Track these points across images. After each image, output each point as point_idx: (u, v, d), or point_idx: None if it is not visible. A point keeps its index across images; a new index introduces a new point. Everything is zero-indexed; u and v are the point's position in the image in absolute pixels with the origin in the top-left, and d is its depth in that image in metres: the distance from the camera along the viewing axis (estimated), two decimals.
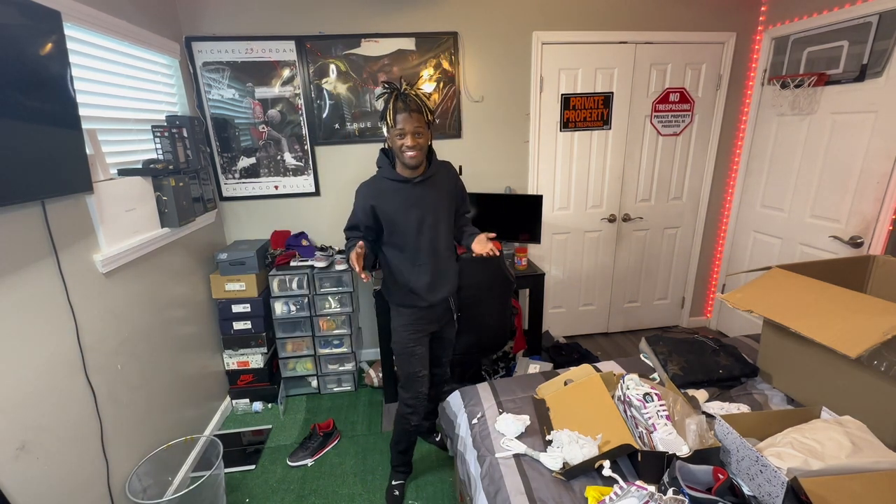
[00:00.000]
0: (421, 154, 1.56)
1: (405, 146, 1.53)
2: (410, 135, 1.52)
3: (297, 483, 2.04)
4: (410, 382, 1.80)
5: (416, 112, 1.51)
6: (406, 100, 1.51)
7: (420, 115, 1.52)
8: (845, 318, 1.28)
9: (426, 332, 1.79)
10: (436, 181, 1.69)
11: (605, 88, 2.80)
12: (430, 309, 1.75)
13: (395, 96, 1.52)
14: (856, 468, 1.06)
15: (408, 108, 1.50)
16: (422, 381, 1.80)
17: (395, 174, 1.63)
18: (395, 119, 1.51)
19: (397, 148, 1.55)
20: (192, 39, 2.40)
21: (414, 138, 1.52)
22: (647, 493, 1.03)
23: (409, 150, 1.53)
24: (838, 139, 2.36)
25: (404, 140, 1.52)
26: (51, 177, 1.29)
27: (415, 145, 1.53)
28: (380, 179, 1.67)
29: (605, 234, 3.10)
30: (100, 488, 1.51)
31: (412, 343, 1.77)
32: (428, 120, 1.56)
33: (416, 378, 1.80)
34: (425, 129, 1.55)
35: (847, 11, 2.24)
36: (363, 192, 1.66)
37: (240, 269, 2.40)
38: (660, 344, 1.80)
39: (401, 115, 1.50)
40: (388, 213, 1.63)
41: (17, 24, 1.17)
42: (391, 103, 1.51)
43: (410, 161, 1.56)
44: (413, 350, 1.78)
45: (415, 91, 1.54)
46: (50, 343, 1.35)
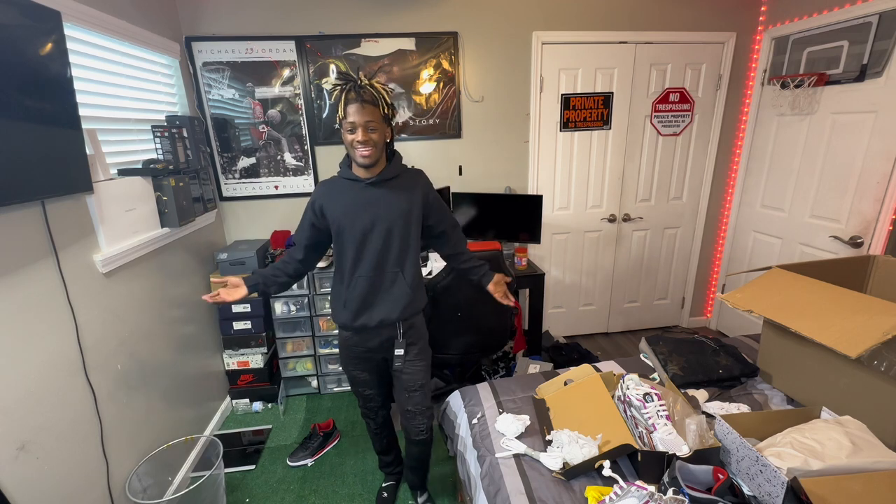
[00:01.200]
0: (375, 151, 1.39)
1: (356, 141, 1.37)
2: (361, 128, 1.35)
3: (297, 483, 2.04)
4: (357, 395, 1.73)
5: (369, 104, 1.35)
6: (360, 90, 1.36)
7: (374, 107, 1.36)
8: (845, 318, 1.28)
9: (365, 358, 1.60)
10: (396, 186, 1.49)
11: (605, 88, 2.80)
12: (362, 333, 1.54)
13: (350, 88, 1.37)
14: (856, 468, 1.06)
15: (360, 98, 1.35)
16: (367, 398, 1.70)
17: (349, 172, 1.48)
18: (346, 111, 1.36)
19: (348, 144, 1.39)
20: (192, 39, 2.40)
21: (365, 132, 1.36)
22: (647, 493, 1.03)
23: (360, 146, 1.37)
24: (838, 139, 2.36)
25: (355, 135, 1.36)
26: (51, 177, 1.29)
27: (366, 140, 1.36)
28: (335, 179, 1.53)
29: (605, 234, 3.10)
30: (100, 488, 1.51)
31: (351, 366, 1.64)
32: (385, 114, 1.40)
33: (360, 394, 1.70)
34: (381, 124, 1.39)
35: (847, 11, 2.24)
36: (317, 189, 1.53)
37: (240, 269, 2.39)
38: (660, 344, 1.80)
39: (351, 107, 1.35)
40: (334, 214, 1.47)
41: (17, 24, 1.17)
42: (343, 94, 1.36)
43: (362, 159, 1.39)
44: (352, 374, 1.65)
45: (372, 82, 1.39)
46: (50, 343, 1.35)
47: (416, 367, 1.59)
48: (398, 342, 1.54)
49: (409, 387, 1.60)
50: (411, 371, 1.59)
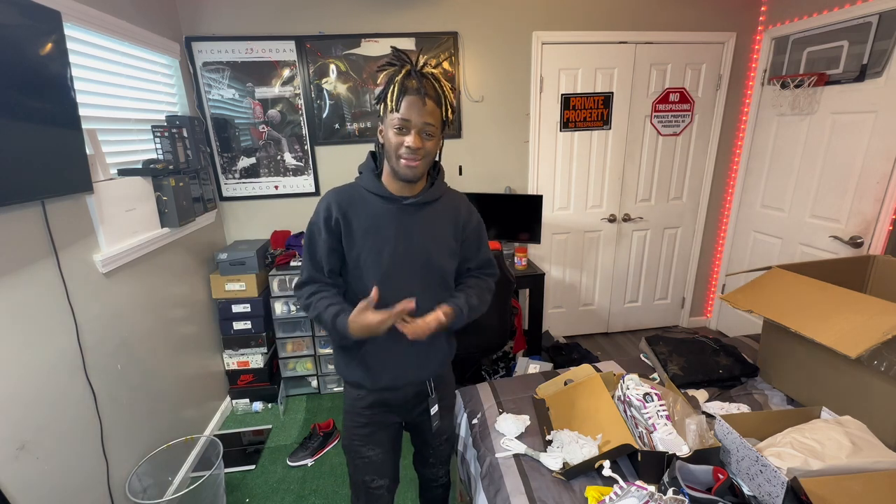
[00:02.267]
0: (423, 164, 1.07)
1: (405, 146, 1.03)
2: (416, 131, 1.03)
3: (297, 483, 2.04)
4: (361, 494, 1.29)
5: (433, 100, 1.03)
6: (422, 80, 1.02)
7: (437, 107, 1.04)
8: (845, 318, 1.28)
9: (385, 423, 1.24)
10: (436, 212, 1.16)
11: (605, 88, 2.80)
12: (387, 393, 1.20)
13: (407, 71, 1.02)
14: (856, 468, 1.06)
15: (422, 91, 1.01)
16: (377, 494, 1.27)
17: (378, 186, 1.12)
18: (399, 102, 1.01)
19: (392, 146, 1.05)
20: (192, 39, 2.40)
21: (419, 138, 1.03)
22: (647, 493, 1.03)
23: (408, 153, 1.03)
24: (838, 139, 2.36)
25: (405, 137, 1.03)
26: (51, 177, 1.29)
27: (419, 149, 1.03)
28: (356, 188, 1.14)
29: (605, 234, 3.10)
30: (100, 488, 1.51)
31: (360, 441, 1.23)
32: (445, 118, 1.08)
33: (369, 490, 1.27)
34: (438, 131, 1.07)
35: (847, 11, 2.24)
36: (330, 199, 1.12)
37: (240, 269, 2.40)
38: (660, 344, 1.80)
39: (409, 100, 1.01)
40: (357, 235, 1.10)
41: (17, 24, 1.17)
42: (399, 79, 1.02)
43: (406, 171, 1.06)
44: (361, 451, 1.24)
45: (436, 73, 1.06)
46: (50, 343, 1.35)
47: (446, 420, 1.34)
48: (431, 399, 1.24)
49: (437, 443, 1.37)
50: (443, 425, 1.33)
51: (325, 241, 1.12)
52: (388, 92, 1.03)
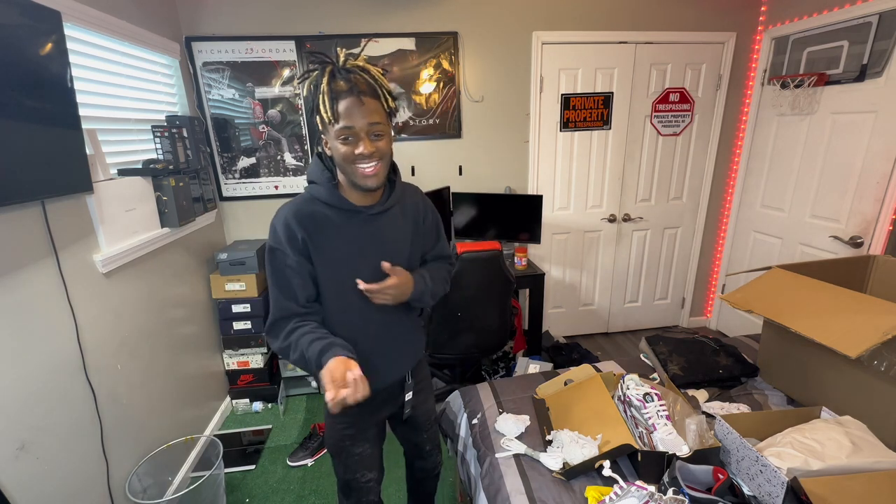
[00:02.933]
0: (383, 167, 0.99)
1: (359, 156, 0.95)
2: (366, 135, 0.94)
3: (297, 483, 2.04)
4: (350, 491, 1.26)
5: (369, 96, 0.93)
6: (348, 77, 0.92)
7: (376, 101, 0.95)
8: (845, 318, 1.28)
9: (370, 422, 1.23)
10: (397, 213, 1.12)
11: (605, 88, 2.80)
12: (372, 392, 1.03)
13: (331, 72, 0.93)
14: (856, 468, 1.06)
15: (355, 89, 0.91)
16: (367, 487, 1.25)
17: (338, 198, 1.04)
18: (335, 110, 0.92)
19: (343, 159, 0.96)
20: (192, 39, 2.40)
21: (370, 142, 0.95)
22: (647, 493, 1.03)
23: (364, 161, 0.95)
24: (838, 139, 2.36)
25: (352, 146, 0.94)
26: (51, 177, 1.29)
27: (373, 153, 0.95)
28: (313, 203, 1.04)
29: (605, 234, 3.10)
30: (100, 488, 1.51)
31: (348, 441, 1.21)
32: (389, 108, 0.98)
33: (359, 485, 1.24)
34: (386, 124, 0.98)
35: (847, 11, 2.24)
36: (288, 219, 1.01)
37: (240, 269, 2.40)
38: (660, 344, 1.80)
39: (345, 103, 0.91)
40: (326, 253, 1.04)
41: (17, 24, 1.17)
42: (325, 84, 0.92)
43: (368, 181, 0.98)
44: (349, 450, 1.21)
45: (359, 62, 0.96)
46: (50, 343, 1.35)
47: (428, 404, 1.40)
48: (407, 385, 1.26)
49: (424, 425, 1.40)
50: (425, 409, 1.38)
51: (295, 263, 1.02)
52: (320, 102, 0.93)
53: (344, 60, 0.96)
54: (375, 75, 0.96)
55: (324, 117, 0.94)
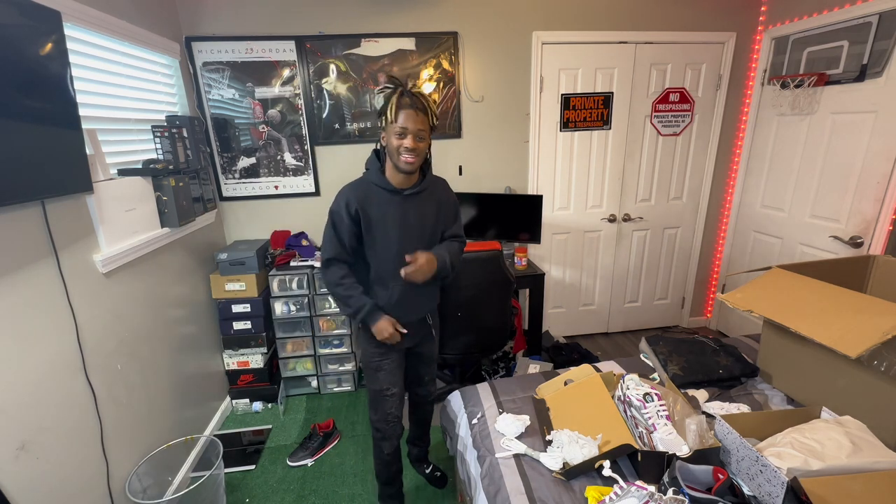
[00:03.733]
0: (418, 160, 1.43)
1: (404, 147, 1.39)
2: (412, 135, 1.39)
3: (297, 483, 2.04)
4: (378, 401, 1.66)
5: (422, 112, 1.39)
6: (413, 97, 1.39)
7: (426, 116, 1.41)
8: (845, 318, 1.28)
9: (396, 348, 1.63)
10: (427, 197, 1.54)
11: (605, 88, 2.80)
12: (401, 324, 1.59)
13: (401, 92, 1.40)
14: (856, 468, 1.06)
15: (414, 105, 1.38)
16: (391, 400, 1.65)
17: (384, 181, 1.48)
18: (398, 115, 1.38)
19: (394, 148, 1.41)
20: (192, 39, 2.40)
21: (415, 140, 1.39)
22: (647, 493, 1.03)
23: (407, 152, 1.39)
24: (838, 139, 2.36)
25: (404, 140, 1.39)
26: (51, 177, 1.29)
27: (415, 148, 1.39)
28: (366, 184, 1.51)
29: (605, 234, 3.10)
30: (100, 488, 1.51)
31: (378, 358, 1.62)
32: (432, 124, 1.44)
33: (384, 397, 1.64)
34: (427, 134, 1.43)
35: (847, 11, 2.24)
36: (348, 194, 1.47)
37: (240, 269, 2.40)
38: (660, 344, 1.80)
39: (405, 112, 1.38)
40: (371, 222, 1.47)
41: (17, 24, 1.17)
42: (395, 98, 1.39)
43: (406, 166, 1.41)
44: (380, 365, 1.63)
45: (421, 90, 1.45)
46: (50, 343, 1.35)
47: (435, 345, 1.79)
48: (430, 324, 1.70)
49: (429, 359, 1.79)
50: (431, 347, 1.77)
51: (347, 225, 1.47)
52: (388, 107, 1.38)
53: (412, 86, 1.43)
54: (428, 101, 1.43)
55: (388, 117, 1.39)
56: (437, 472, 1.99)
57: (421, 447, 2.00)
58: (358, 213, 1.45)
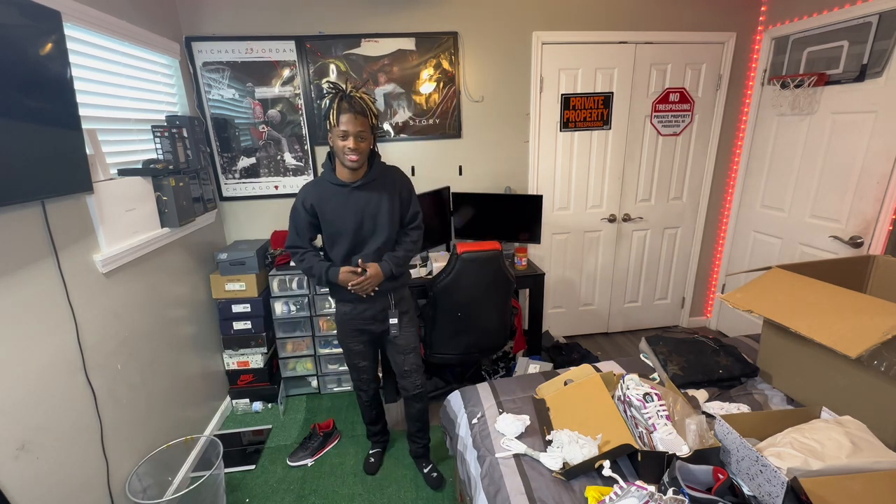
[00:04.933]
0: (361, 157, 1.58)
1: (347, 148, 1.53)
2: (353, 137, 1.52)
3: (297, 483, 2.04)
4: (352, 370, 1.95)
5: (360, 115, 1.52)
6: (351, 101, 1.51)
7: (364, 118, 1.53)
8: (845, 318, 1.28)
9: (363, 329, 1.83)
10: (377, 186, 1.68)
11: (605, 88, 2.80)
12: (363, 303, 1.77)
13: (340, 97, 1.51)
14: (856, 468, 1.06)
15: (352, 109, 1.50)
16: (361, 369, 1.92)
17: (334, 178, 1.65)
18: (339, 119, 1.50)
19: (339, 149, 1.56)
20: (192, 39, 2.40)
21: (356, 141, 1.53)
22: (647, 493, 1.03)
23: (350, 152, 1.54)
24: (838, 139, 2.36)
25: (346, 142, 1.53)
26: (51, 177, 1.29)
27: (356, 148, 1.54)
28: (321, 182, 1.69)
29: (605, 234, 3.10)
30: (100, 488, 1.51)
31: (348, 339, 1.86)
32: (372, 124, 1.57)
33: (355, 367, 1.92)
34: (368, 133, 1.56)
35: (847, 11, 2.24)
36: (305, 191, 1.68)
37: (240, 269, 2.40)
38: (660, 344, 1.80)
39: (344, 116, 1.50)
40: (326, 216, 1.66)
41: (17, 24, 1.17)
42: (335, 103, 1.51)
43: (351, 164, 1.57)
44: (348, 346, 1.87)
45: (360, 93, 1.54)
46: (50, 343, 1.35)
47: (408, 333, 1.87)
48: (391, 312, 1.81)
49: (404, 350, 1.87)
50: (405, 336, 1.86)
51: (304, 219, 1.69)
52: (331, 112, 1.52)
53: (351, 89, 1.53)
54: (368, 103, 1.56)
55: (331, 121, 1.53)
56: (433, 473, 2.00)
57: (418, 443, 2.04)
58: (313, 207, 1.66)
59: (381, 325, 1.83)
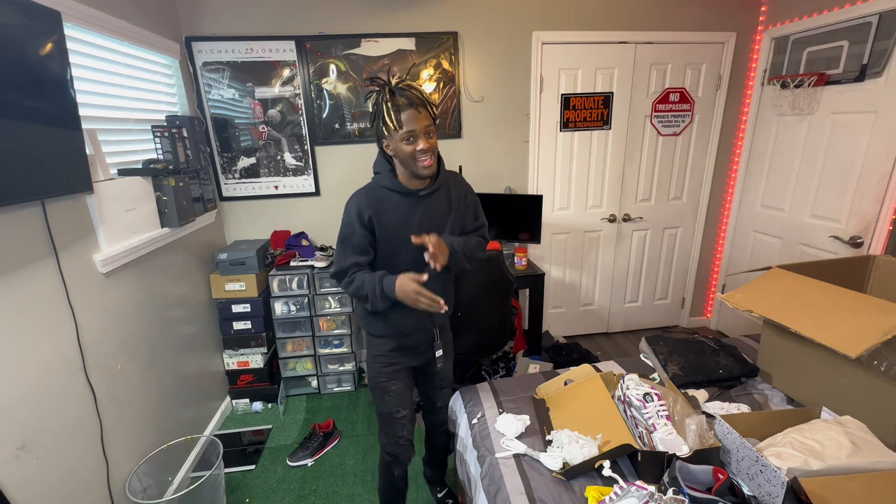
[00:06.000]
0: (435, 159, 1.30)
1: (419, 151, 1.24)
2: (423, 136, 1.24)
3: (297, 483, 2.04)
4: (388, 425, 1.54)
5: (422, 107, 1.24)
6: (406, 95, 1.22)
7: (426, 109, 1.25)
8: (845, 318, 1.28)
9: (403, 365, 1.52)
10: (443, 194, 1.41)
11: (605, 88, 2.80)
12: (408, 339, 1.49)
13: (390, 92, 1.23)
14: (856, 468, 1.06)
15: (412, 103, 1.22)
16: (400, 423, 1.52)
17: (397, 184, 1.34)
18: (400, 119, 1.22)
19: (407, 155, 1.25)
20: (192, 39, 2.40)
21: (427, 139, 1.25)
22: (647, 493, 1.03)
23: (423, 155, 1.25)
24: (838, 139, 2.36)
25: (416, 144, 1.23)
26: (51, 177, 1.29)
27: (429, 148, 1.25)
28: (377, 188, 1.36)
29: (605, 234, 3.10)
30: (100, 488, 1.51)
31: (385, 378, 1.50)
32: (433, 115, 1.29)
33: (394, 420, 1.52)
34: (434, 128, 1.29)
35: (847, 11, 2.24)
36: (359, 201, 1.34)
37: (240, 269, 2.40)
38: (660, 344, 1.80)
39: (406, 114, 1.21)
40: (388, 230, 1.34)
41: (17, 24, 1.17)
42: (388, 101, 1.22)
43: (426, 170, 1.27)
44: (386, 386, 1.50)
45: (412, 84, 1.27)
46: (50, 343, 1.35)
47: (448, 365, 1.66)
48: (437, 343, 1.55)
49: (441, 384, 1.66)
50: (445, 369, 1.64)
51: (360, 235, 1.34)
52: (385, 113, 1.23)
53: (398, 81, 1.25)
54: (422, 91, 1.27)
55: (389, 125, 1.23)
56: (448, 500, 1.89)
57: (436, 470, 1.93)
58: (371, 220, 1.33)
59: (421, 357, 1.55)
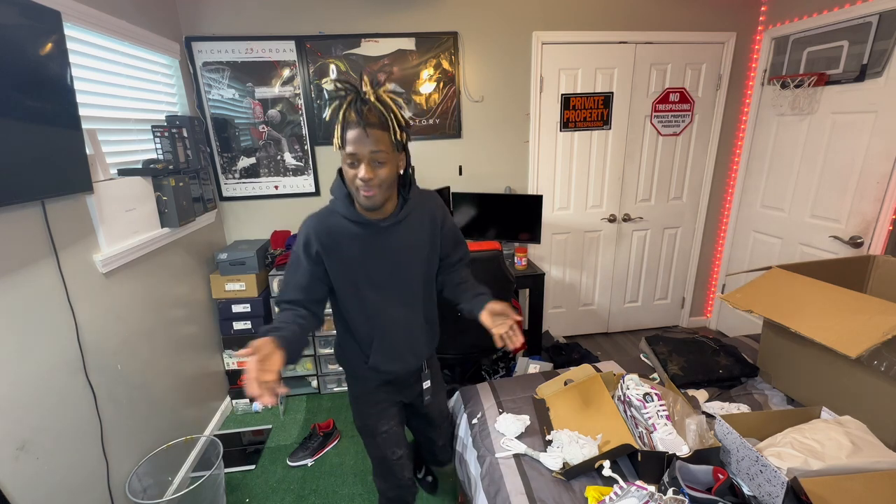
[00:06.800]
0: (380, 193, 1.07)
1: (358, 179, 1.04)
2: (366, 163, 1.02)
3: (297, 483, 2.04)
4: (384, 469, 1.42)
5: (375, 128, 1.01)
6: (363, 108, 1.00)
7: (383, 131, 1.02)
8: (845, 318, 1.28)
9: (391, 402, 1.38)
10: (414, 223, 1.21)
11: (605, 88, 2.80)
12: (391, 375, 1.34)
13: (349, 101, 1.02)
14: (856, 468, 1.06)
15: (363, 121, 1.00)
16: (399, 464, 1.40)
17: (353, 212, 1.14)
18: (344, 138, 1.02)
19: (349, 179, 1.07)
20: (192, 39, 2.40)
21: (371, 168, 1.03)
22: (647, 493, 1.03)
23: (363, 186, 1.05)
24: (838, 139, 2.36)
25: (356, 170, 1.04)
26: (51, 177, 1.29)
27: (371, 179, 1.03)
28: (331, 215, 1.17)
29: (605, 234, 3.10)
30: (100, 488, 1.51)
31: (373, 419, 1.36)
32: (396, 139, 1.05)
33: (391, 463, 1.39)
34: (391, 153, 1.05)
35: (847, 11, 2.24)
36: (308, 229, 1.16)
37: (240, 269, 2.40)
38: (660, 344, 1.80)
39: (352, 133, 1.01)
40: (344, 263, 1.17)
41: (17, 24, 1.17)
42: (342, 112, 1.02)
43: (366, 201, 1.08)
44: (376, 428, 1.36)
45: (380, 93, 1.04)
46: (50, 343, 1.35)
47: (441, 398, 1.55)
48: (424, 374, 1.41)
49: (438, 422, 1.56)
50: (438, 403, 1.53)
51: (305, 270, 1.17)
52: (335, 126, 1.04)
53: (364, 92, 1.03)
54: (391, 109, 1.04)
55: (335, 142, 1.05)
56: (428, 477, 1.94)
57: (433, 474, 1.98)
58: (319, 255, 1.15)
59: (410, 390, 1.41)
